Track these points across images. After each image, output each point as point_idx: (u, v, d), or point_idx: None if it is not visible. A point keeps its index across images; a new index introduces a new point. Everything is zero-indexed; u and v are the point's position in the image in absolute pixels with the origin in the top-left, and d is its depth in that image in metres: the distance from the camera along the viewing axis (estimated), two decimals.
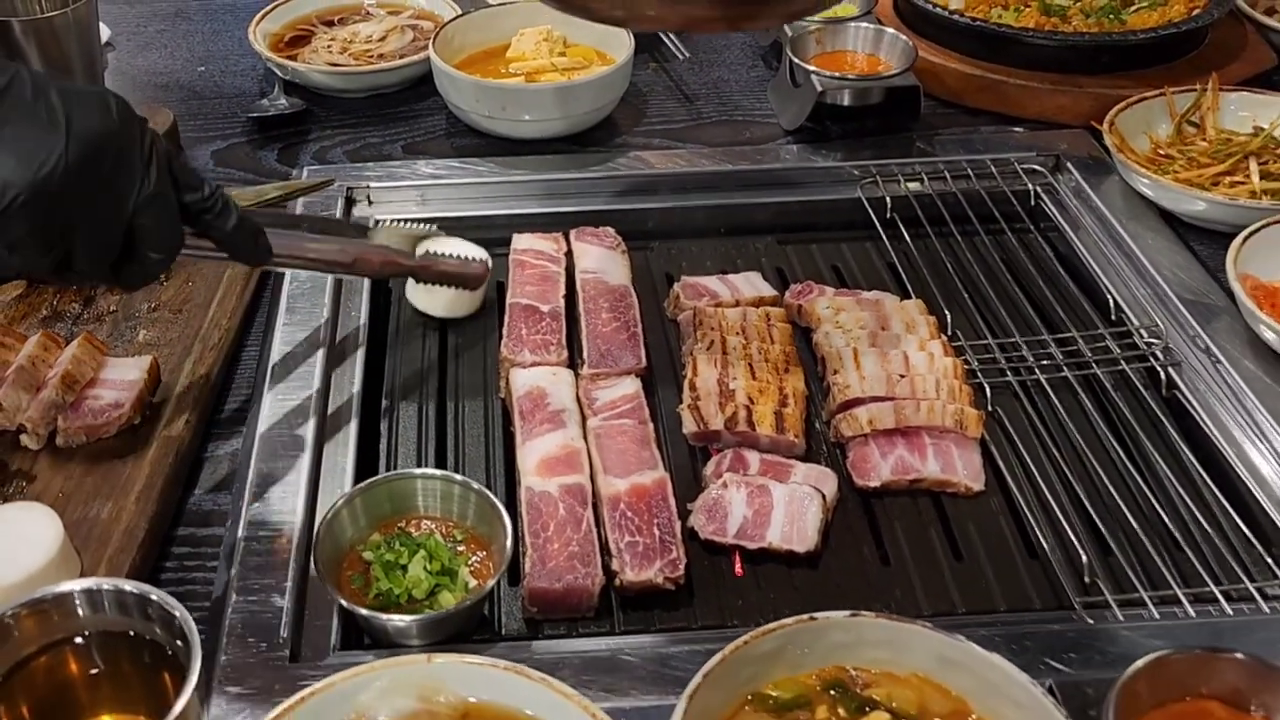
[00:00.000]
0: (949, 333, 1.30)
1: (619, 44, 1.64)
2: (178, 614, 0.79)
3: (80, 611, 0.81)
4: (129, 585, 0.82)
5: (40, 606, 0.80)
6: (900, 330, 1.27)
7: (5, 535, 0.96)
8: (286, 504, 1.08)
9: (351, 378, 1.24)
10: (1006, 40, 1.65)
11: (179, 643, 0.80)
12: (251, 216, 1.00)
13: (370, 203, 1.51)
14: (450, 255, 1.27)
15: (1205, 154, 1.45)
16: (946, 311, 1.33)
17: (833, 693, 0.86)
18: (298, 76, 1.70)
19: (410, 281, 1.34)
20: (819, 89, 1.54)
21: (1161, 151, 1.49)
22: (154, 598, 0.81)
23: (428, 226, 1.34)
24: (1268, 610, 1.00)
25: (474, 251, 1.31)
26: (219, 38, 1.92)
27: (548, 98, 1.56)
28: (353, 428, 1.18)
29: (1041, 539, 1.09)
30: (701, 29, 1.68)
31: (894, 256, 1.43)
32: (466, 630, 1.01)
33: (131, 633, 0.82)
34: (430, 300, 1.33)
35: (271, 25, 1.80)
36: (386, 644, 0.98)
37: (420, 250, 1.28)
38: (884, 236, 1.45)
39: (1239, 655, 0.85)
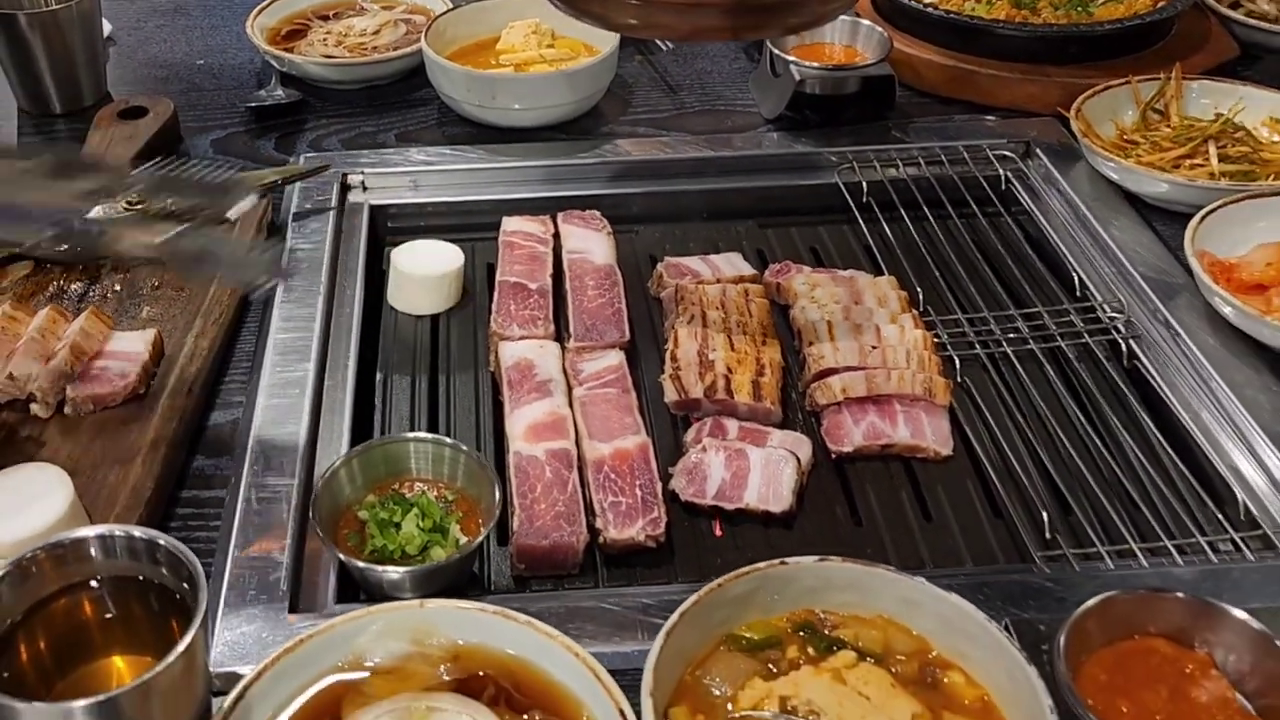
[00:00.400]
0: (920, 309, 1.36)
1: (605, 36, 1.69)
2: (184, 556, 0.84)
3: (94, 556, 0.86)
4: (138, 531, 0.86)
5: (57, 550, 0.85)
6: (873, 305, 1.32)
7: (18, 494, 1.01)
8: (285, 468, 1.13)
9: (347, 351, 1.28)
10: (978, 32, 1.71)
11: (185, 585, 0.85)
12: None
13: (365, 188, 1.56)
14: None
15: (1168, 139, 1.50)
16: (918, 288, 1.38)
17: (802, 634, 0.91)
18: (294, 69, 1.76)
19: (390, 285, 1.40)
20: (797, 78, 1.60)
21: (1126, 137, 1.55)
22: (162, 543, 0.85)
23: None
24: (1216, 561, 1.06)
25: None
26: (217, 32, 1.98)
27: (536, 87, 1.62)
28: (348, 398, 1.23)
29: (1006, 500, 1.14)
30: (708, 38, 1.73)
31: (870, 239, 1.49)
32: (457, 585, 1.05)
33: (140, 577, 0.87)
34: (409, 301, 1.38)
35: (268, 20, 1.85)
36: (381, 597, 1.03)
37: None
38: (860, 220, 1.51)
39: (1180, 595, 0.90)
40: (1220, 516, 1.11)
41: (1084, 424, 1.22)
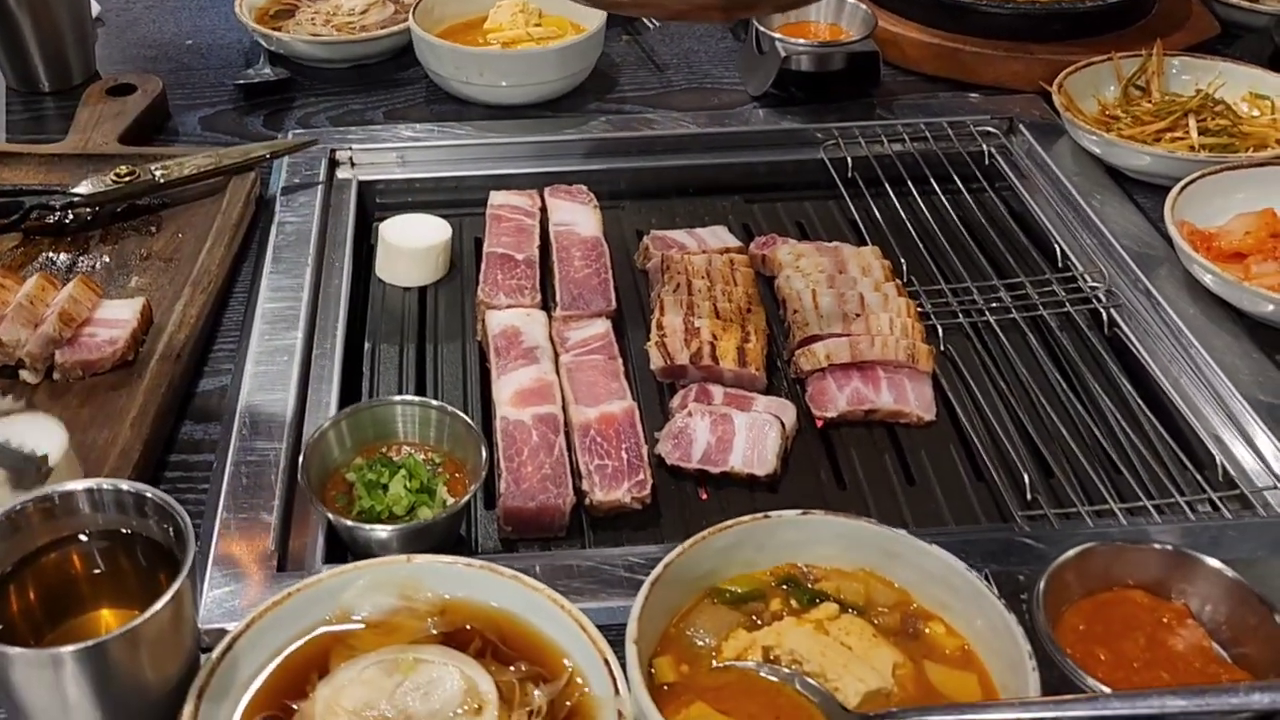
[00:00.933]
0: (904, 279, 1.37)
1: (592, 15, 1.70)
2: (171, 508, 0.84)
3: (83, 509, 0.87)
4: (126, 485, 0.87)
5: (45, 504, 0.85)
6: (857, 274, 1.33)
7: (16, 442, 1.01)
8: (274, 433, 1.14)
9: (335, 320, 1.29)
10: (963, 9, 1.72)
11: (173, 538, 0.85)
12: None
13: (353, 164, 1.56)
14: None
15: (1149, 113, 1.52)
16: (902, 260, 1.40)
17: (785, 587, 0.92)
18: (282, 47, 1.76)
19: (379, 257, 1.41)
20: (783, 55, 1.61)
21: (1108, 112, 1.57)
22: (150, 496, 0.86)
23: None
24: (1193, 518, 1.07)
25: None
26: (205, 14, 1.98)
27: (524, 64, 1.63)
28: (336, 366, 1.24)
29: (988, 463, 1.16)
30: (700, 18, 1.72)
31: (855, 213, 1.50)
32: (445, 545, 1.06)
33: (128, 530, 0.88)
34: (397, 273, 1.40)
35: None
36: (369, 557, 1.02)
37: None
38: (846, 195, 1.52)
39: (1157, 546, 0.92)
40: (1199, 478, 1.13)
41: (1065, 390, 1.24)
